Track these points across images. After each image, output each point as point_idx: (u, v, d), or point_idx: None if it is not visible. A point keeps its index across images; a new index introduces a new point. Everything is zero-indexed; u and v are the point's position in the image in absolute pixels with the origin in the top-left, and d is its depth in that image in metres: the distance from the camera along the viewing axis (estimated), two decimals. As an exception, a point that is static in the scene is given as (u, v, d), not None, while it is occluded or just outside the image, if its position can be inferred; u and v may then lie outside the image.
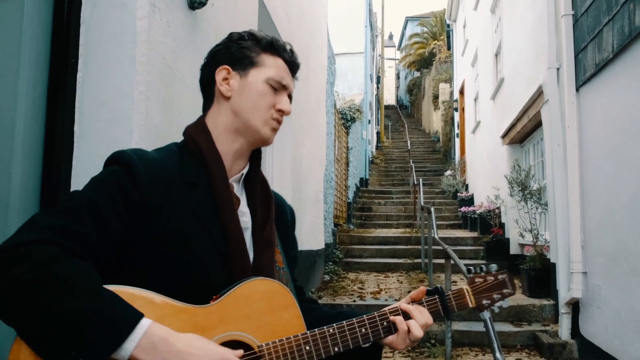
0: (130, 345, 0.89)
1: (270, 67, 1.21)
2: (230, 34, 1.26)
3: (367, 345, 1.18)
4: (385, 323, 1.18)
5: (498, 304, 1.31)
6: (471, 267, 1.35)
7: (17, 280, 0.88)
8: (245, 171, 1.24)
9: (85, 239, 0.97)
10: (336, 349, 1.11)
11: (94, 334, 0.87)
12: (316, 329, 1.11)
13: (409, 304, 1.23)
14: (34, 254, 0.90)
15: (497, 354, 2.04)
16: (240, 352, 1.00)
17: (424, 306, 1.23)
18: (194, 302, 1.01)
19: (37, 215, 1.00)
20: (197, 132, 1.19)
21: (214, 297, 1.03)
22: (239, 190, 1.21)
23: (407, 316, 1.19)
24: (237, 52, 1.21)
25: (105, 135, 1.88)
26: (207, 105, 1.25)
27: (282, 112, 1.23)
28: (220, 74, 1.20)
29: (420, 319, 1.19)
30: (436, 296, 1.25)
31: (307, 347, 1.08)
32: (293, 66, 1.27)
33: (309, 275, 6.11)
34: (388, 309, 1.20)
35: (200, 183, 1.12)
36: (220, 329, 1.01)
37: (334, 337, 1.11)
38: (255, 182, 1.25)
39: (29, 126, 1.77)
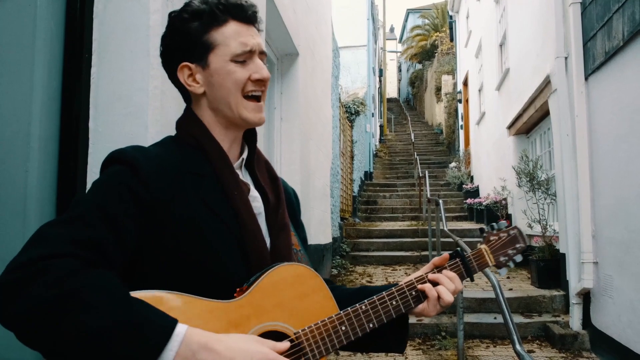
0: (169, 354, 0.82)
1: (227, 40, 1.07)
2: (172, 19, 1.12)
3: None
4: (414, 292, 1.16)
5: (513, 259, 1.32)
6: (484, 227, 1.36)
7: (36, 301, 0.80)
8: (245, 155, 1.17)
9: (101, 246, 0.90)
10: (371, 325, 1.09)
11: (127, 349, 0.80)
12: (349, 308, 1.08)
13: (432, 270, 1.22)
14: (51, 270, 0.83)
15: (517, 347, 2.02)
16: (286, 344, 0.96)
17: (448, 271, 1.22)
18: (214, 294, 0.97)
19: (44, 227, 0.91)
20: (190, 124, 1.12)
21: (238, 289, 0.99)
22: (243, 177, 1.15)
23: (434, 284, 1.18)
24: (186, 41, 1.08)
25: (120, 130, 1.86)
26: (187, 100, 1.17)
27: (261, 82, 1.10)
28: (183, 73, 1.10)
29: (449, 285, 1.17)
30: (457, 259, 1.24)
31: (343, 328, 1.06)
32: (250, 19, 1.11)
33: (317, 269, 6.06)
34: (415, 278, 1.19)
35: (205, 173, 1.06)
36: (253, 321, 0.98)
37: (367, 313, 1.09)
38: (259, 166, 1.19)
39: (45, 122, 1.76)
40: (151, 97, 1.87)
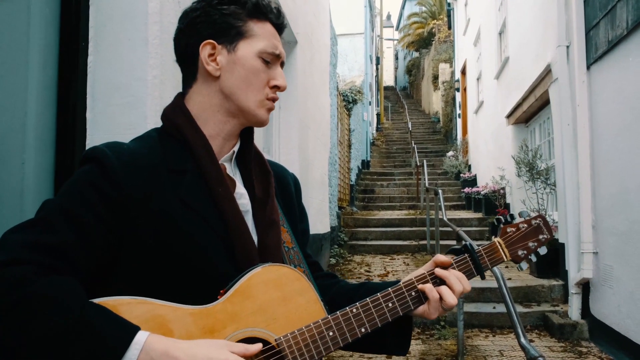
0: None
1: (261, 36, 1.06)
2: None
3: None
4: (413, 293, 1.08)
5: (535, 252, 1.20)
6: (500, 217, 1.23)
7: None
8: (236, 149, 1.11)
9: (63, 251, 0.87)
10: (363, 330, 1.01)
11: (83, 358, 0.78)
12: (338, 312, 1.01)
13: (433, 269, 1.12)
14: (3, 278, 0.81)
15: (522, 340, 1.99)
16: (258, 346, 0.90)
17: (454, 269, 1.12)
18: (201, 297, 0.93)
19: (7, 232, 0.89)
20: (176, 115, 1.06)
21: (221, 291, 0.94)
22: (232, 171, 1.10)
23: (437, 283, 1.09)
24: (220, 20, 1.05)
25: (118, 121, 1.82)
26: (189, 81, 1.10)
27: (277, 89, 1.09)
28: (205, 49, 1.05)
29: (457, 286, 1.08)
30: (466, 255, 1.14)
31: (331, 333, 0.98)
32: (281, 28, 1.12)
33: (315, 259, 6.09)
34: (415, 277, 1.10)
35: (188, 168, 1.01)
36: (231, 327, 0.92)
37: (358, 317, 1.02)
38: (249, 159, 1.13)
39: (41, 113, 1.70)
40: (150, 87, 1.82)
